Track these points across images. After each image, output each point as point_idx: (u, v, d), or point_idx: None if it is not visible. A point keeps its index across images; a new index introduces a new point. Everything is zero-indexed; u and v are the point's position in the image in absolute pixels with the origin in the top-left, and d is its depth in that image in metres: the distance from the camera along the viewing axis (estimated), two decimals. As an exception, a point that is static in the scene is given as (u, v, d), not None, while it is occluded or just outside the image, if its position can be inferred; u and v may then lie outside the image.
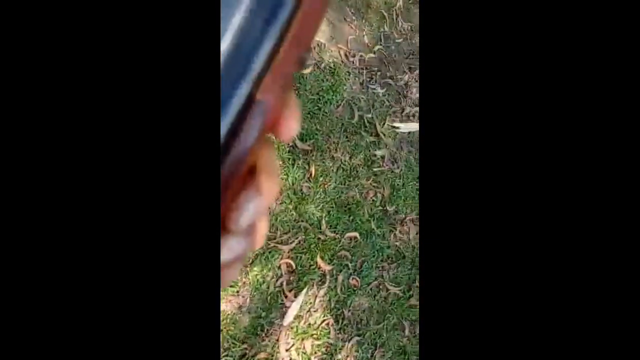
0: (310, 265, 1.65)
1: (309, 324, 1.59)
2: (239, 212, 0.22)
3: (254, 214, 0.22)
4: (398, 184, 1.95)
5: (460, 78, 0.26)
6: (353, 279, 1.73)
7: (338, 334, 1.64)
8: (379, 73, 2.14)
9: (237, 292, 1.52)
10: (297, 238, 1.65)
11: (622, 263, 0.25)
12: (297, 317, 1.58)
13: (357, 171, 1.88)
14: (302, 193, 1.73)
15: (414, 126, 2.14)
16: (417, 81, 2.22)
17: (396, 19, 2.30)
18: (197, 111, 0.18)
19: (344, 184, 1.83)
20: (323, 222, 1.72)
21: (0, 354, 0.18)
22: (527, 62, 0.26)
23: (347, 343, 1.65)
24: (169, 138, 0.18)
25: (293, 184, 1.72)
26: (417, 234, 1.96)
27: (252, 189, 0.22)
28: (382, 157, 1.97)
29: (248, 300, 1.52)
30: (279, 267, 1.60)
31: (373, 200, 1.87)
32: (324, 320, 1.62)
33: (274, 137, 0.22)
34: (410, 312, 1.83)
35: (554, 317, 0.26)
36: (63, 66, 0.17)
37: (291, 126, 0.22)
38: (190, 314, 0.19)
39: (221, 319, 1.43)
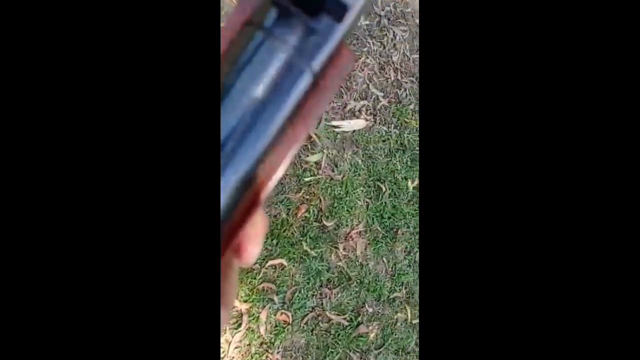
0: (221, 307, 1.39)
1: (221, 378, 1.34)
2: None
3: None
4: (340, 193, 1.68)
5: (462, 80, 0.26)
6: (282, 313, 1.47)
7: (264, 382, 1.38)
8: (313, 65, 1.85)
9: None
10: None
11: (622, 264, 0.25)
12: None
13: (282, 184, 1.60)
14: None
15: (360, 123, 1.85)
16: (362, 70, 1.93)
17: None
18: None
19: (264, 203, 1.55)
20: (236, 252, 1.46)
21: (0, 354, 0.18)
22: (529, 65, 0.25)
23: (277, 391, 1.39)
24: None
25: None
26: (365, 248, 1.68)
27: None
28: (317, 163, 1.69)
29: None
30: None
31: (305, 216, 1.60)
32: (243, 370, 1.37)
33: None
34: (359, 342, 1.57)
35: (561, 340, 0.25)
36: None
37: (253, 252, 0.23)
38: None
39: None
